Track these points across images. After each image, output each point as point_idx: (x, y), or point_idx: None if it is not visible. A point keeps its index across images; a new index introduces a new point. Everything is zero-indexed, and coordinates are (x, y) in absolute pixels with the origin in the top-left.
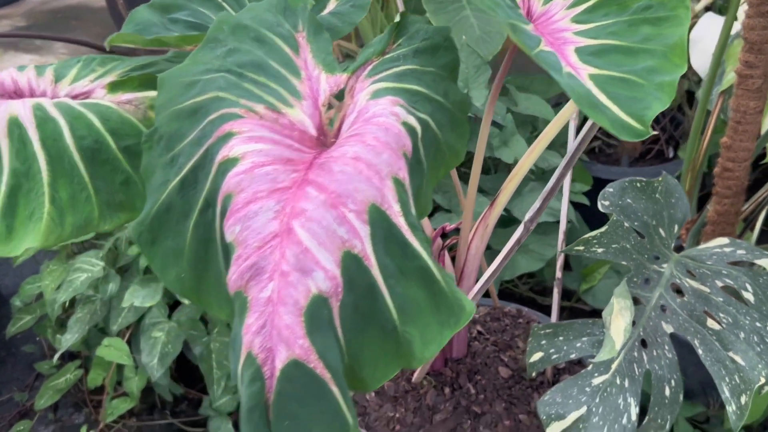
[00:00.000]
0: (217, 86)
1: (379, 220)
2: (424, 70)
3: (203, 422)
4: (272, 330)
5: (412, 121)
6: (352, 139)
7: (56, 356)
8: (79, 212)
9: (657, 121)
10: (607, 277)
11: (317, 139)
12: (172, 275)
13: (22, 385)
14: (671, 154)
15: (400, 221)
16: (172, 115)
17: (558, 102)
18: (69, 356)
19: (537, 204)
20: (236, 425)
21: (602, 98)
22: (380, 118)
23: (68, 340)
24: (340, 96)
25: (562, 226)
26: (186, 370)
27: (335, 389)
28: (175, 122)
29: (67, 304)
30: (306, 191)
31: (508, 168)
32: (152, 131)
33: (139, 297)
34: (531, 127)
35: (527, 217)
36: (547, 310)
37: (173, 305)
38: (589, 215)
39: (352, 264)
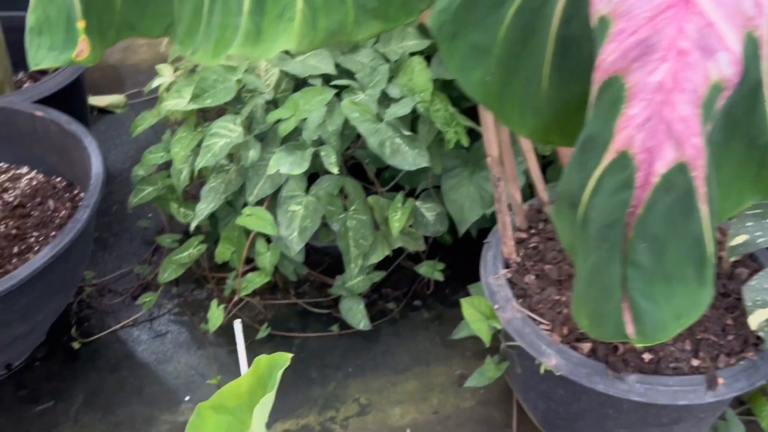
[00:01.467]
0: None
1: None
2: None
3: (327, 304)
4: (659, 124)
5: None
6: None
7: (194, 224)
8: (333, 14)
9: None
10: None
11: None
12: (474, 77)
13: (141, 260)
14: None
15: None
16: None
17: None
18: (185, 232)
19: None
20: (368, 306)
21: None
22: None
23: (203, 209)
24: None
25: None
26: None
27: (704, 209)
28: None
29: (195, 174)
30: None
31: None
32: None
33: (285, 164)
34: None
35: None
36: None
37: (310, 179)
38: None
39: (750, 50)
